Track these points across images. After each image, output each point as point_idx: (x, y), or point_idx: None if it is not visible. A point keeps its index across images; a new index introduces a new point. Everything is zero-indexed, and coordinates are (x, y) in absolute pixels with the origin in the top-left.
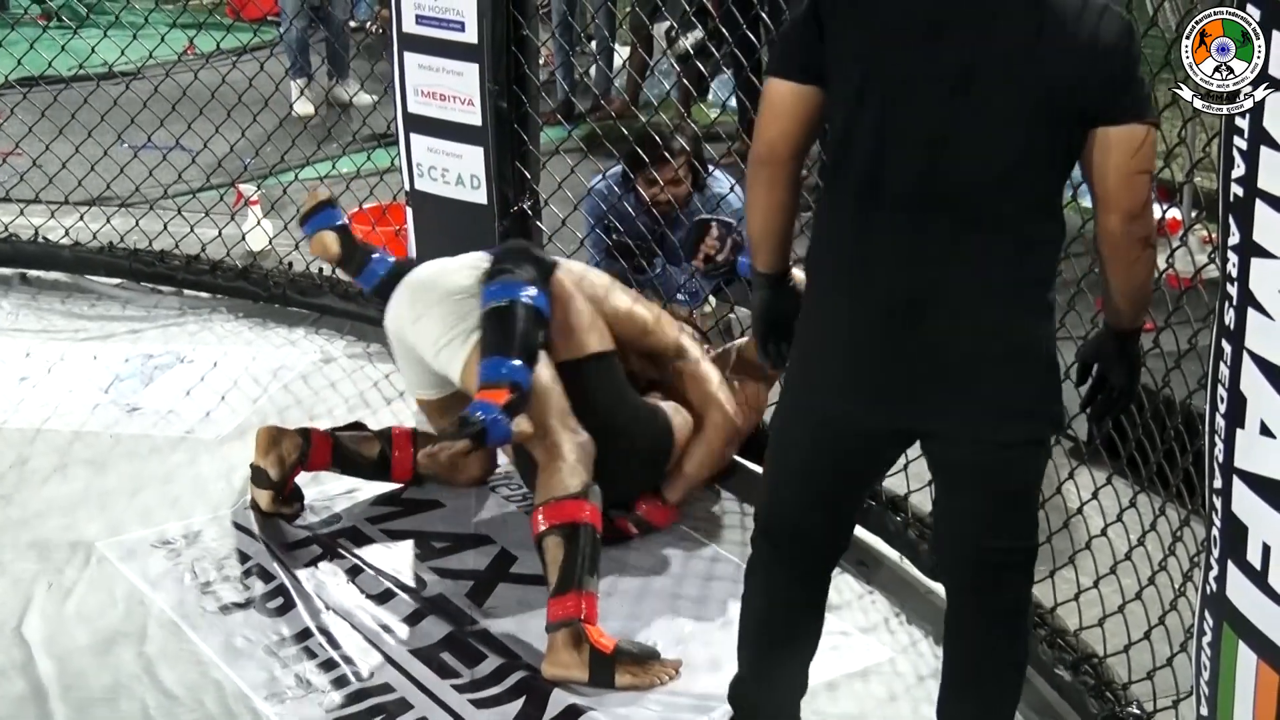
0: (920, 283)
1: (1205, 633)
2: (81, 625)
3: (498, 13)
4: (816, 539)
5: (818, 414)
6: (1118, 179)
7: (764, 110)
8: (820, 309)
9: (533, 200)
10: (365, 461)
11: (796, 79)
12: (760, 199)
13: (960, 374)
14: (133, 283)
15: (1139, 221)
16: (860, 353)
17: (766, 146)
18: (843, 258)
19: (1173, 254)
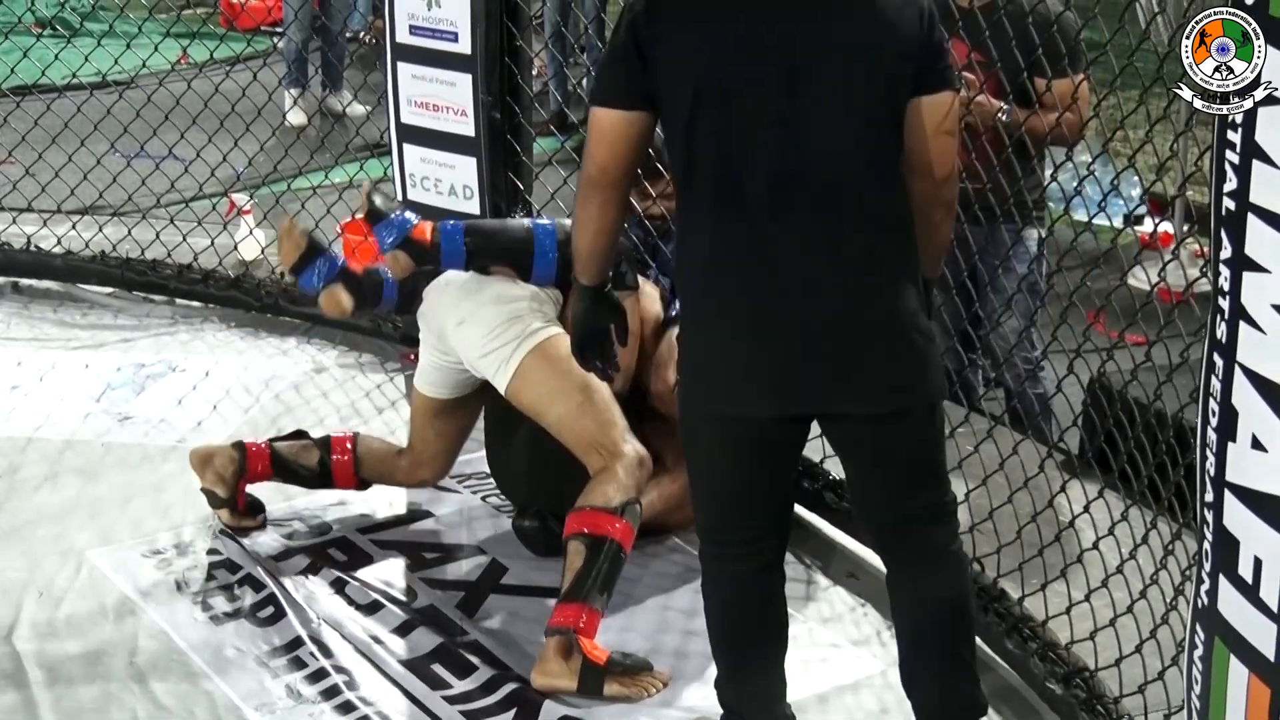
0: (787, 276)
1: (1197, 646)
2: (72, 635)
3: (491, 23)
4: (756, 533)
5: (716, 417)
6: (932, 144)
7: (593, 136)
8: (698, 316)
9: (525, 211)
10: (306, 471)
11: (621, 106)
12: (592, 219)
13: (837, 355)
14: (125, 291)
15: (948, 185)
16: (741, 350)
17: (598, 170)
18: (709, 265)
19: (1164, 267)
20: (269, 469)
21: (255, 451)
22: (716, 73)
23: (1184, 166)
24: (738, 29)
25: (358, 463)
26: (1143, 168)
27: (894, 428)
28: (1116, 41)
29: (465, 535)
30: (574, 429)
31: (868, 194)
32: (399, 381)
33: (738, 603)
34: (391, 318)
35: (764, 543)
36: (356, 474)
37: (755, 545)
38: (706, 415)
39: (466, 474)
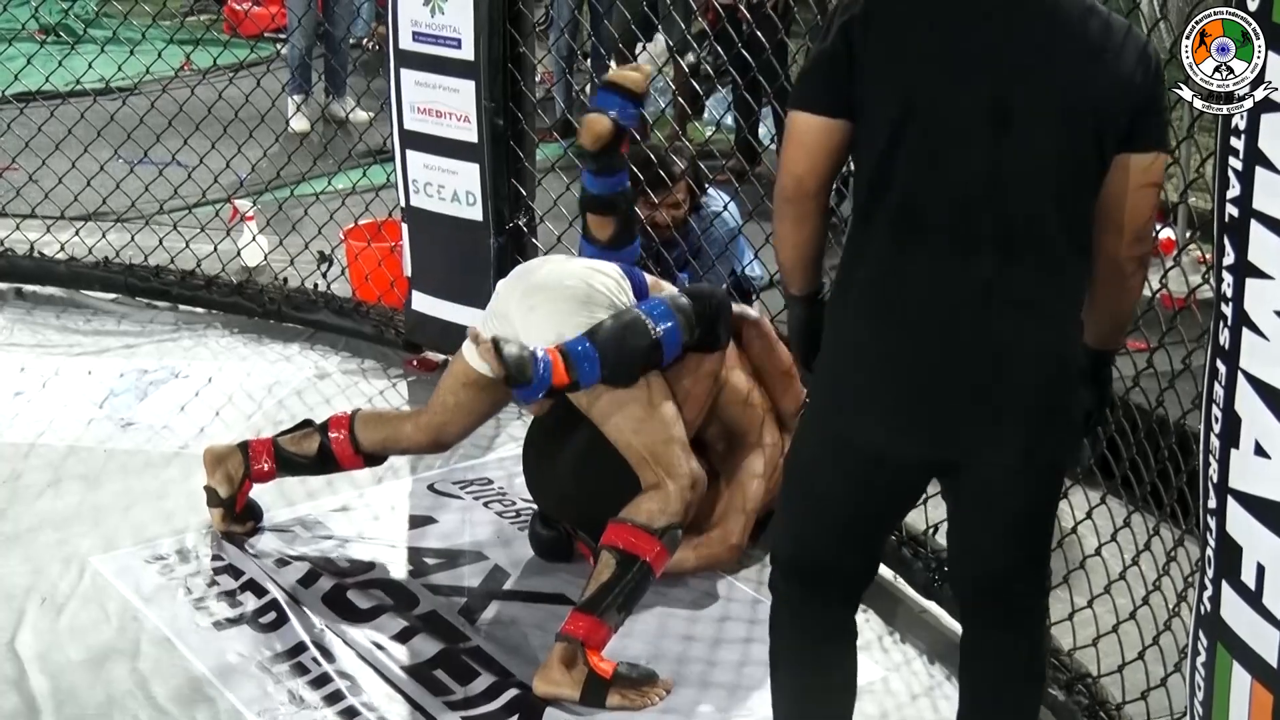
0: (961, 314)
1: (1199, 653)
2: (74, 641)
3: (494, 30)
4: (848, 575)
5: (853, 446)
6: (1133, 203)
7: (790, 145)
8: (854, 340)
9: (528, 217)
10: (306, 459)
11: (826, 113)
12: (789, 234)
13: (998, 403)
14: (128, 298)
15: (1143, 243)
16: (899, 383)
17: (794, 182)
18: (881, 290)
19: (1167, 274)
20: (273, 466)
21: (259, 449)
22: (926, 93)
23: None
24: (953, 51)
25: (355, 439)
26: None
27: (1024, 488)
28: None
29: (468, 541)
30: (633, 440)
31: (1057, 243)
32: (401, 387)
33: (820, 648)
34: None
35: (855, 586)
36: (357, 450)
37: (846, 587)
38: (843, 441)
39: (469, 480)
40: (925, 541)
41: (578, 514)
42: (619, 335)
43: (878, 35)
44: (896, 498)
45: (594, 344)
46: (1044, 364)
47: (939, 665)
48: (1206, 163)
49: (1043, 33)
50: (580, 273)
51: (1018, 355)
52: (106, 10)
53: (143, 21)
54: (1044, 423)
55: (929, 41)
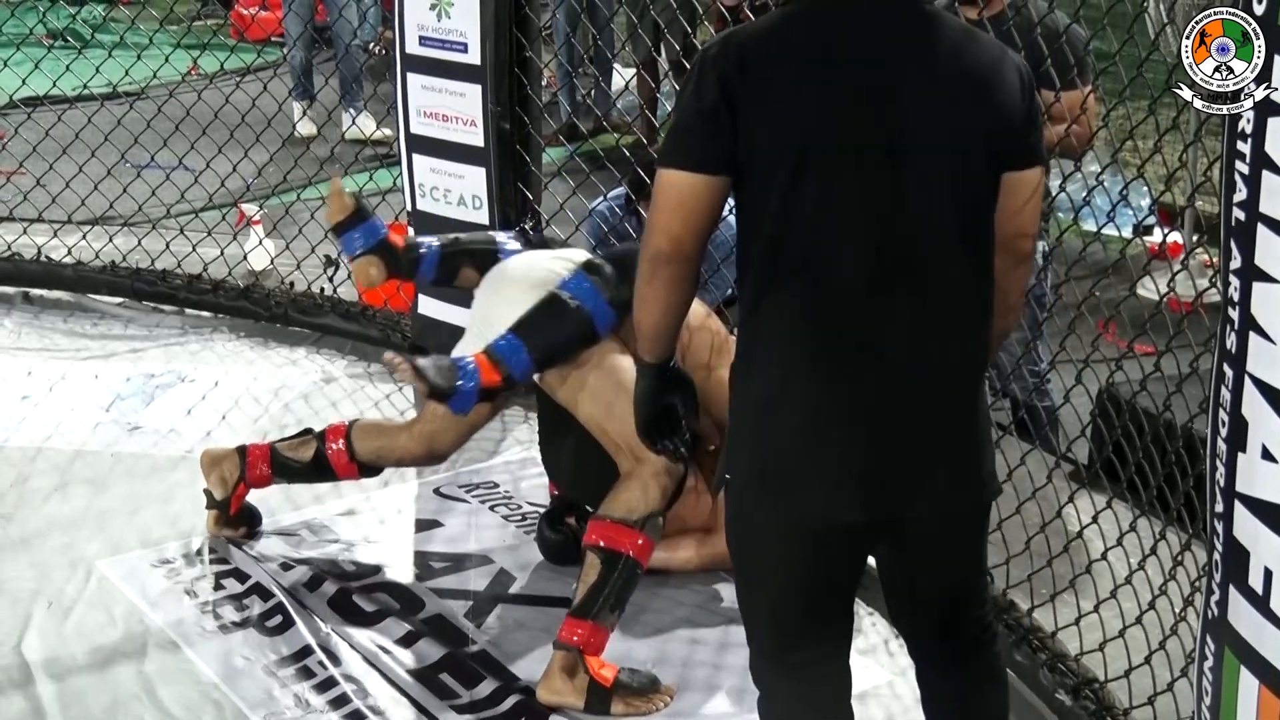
0: (882, 358)
1: (1207, 658)
2: (81, 644)
3: (500, 34)
4: (834, 643)
5: (795, 522)
6: (1021, 219)
7: (665, 205)
8: (785, 404)
9: (534, 221)
10: (301, 466)
11: (707, 171)
12: (661, 297)
13: (932, 452)
14: (135, 302)
15: (1028, 265)
16: (828, 447)
17: (672, 244)
18: (794, 345)
19: (1174, 278)
20: (269, 472)
21: (256, 454)
22: (818, 138)
23: (1193, 177)
24: (838, 92)
25: (352, 448)
26: (1152, 178)
27: (966, 524)
28: (1125, 52)
29: (473, 545)
30: (604, 427)
31: (964, 276)
32: (408, 392)
33: (813, 714)
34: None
35: (840, 644)
36: (353, 460)
37: (836, 659)
38: (784, 518)
39: (475, 484)
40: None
41: (586, 493)
42: (541, 318)
43: (757, 84)
44: (853, 564)
45: (516, 334)
46: (966, 400)
47: None
48: (1213, 167)
49: (927, 64)
50: (545, 262)
51: (942, 397)
52: (113, 15)
53: (149, 26)
54: (973, 459)
55: (812, 85)
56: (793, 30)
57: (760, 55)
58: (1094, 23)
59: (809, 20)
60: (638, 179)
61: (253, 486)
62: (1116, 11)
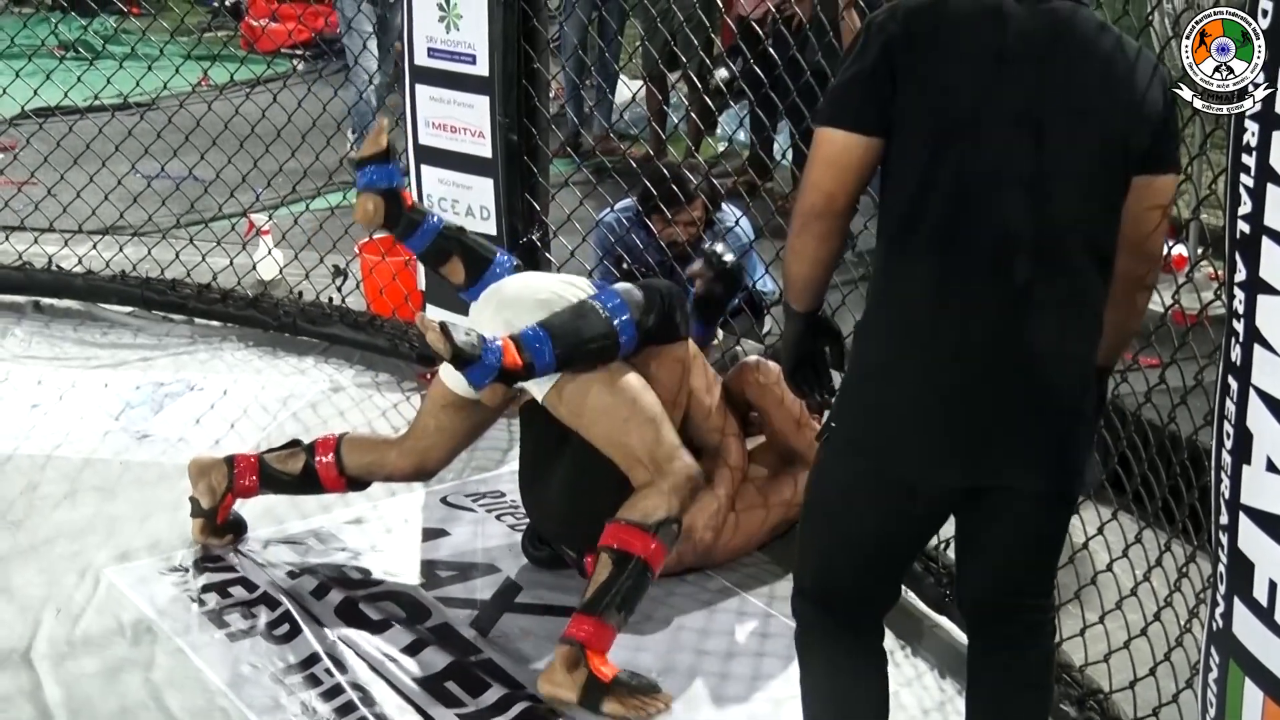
0: (999, 335)
1: (1211, 669)
2: (89, 651)
3: (508, 46)
4: (876, 603)
5: (885, 478)
6: (1149, 225)
7: (820, 162)
8: (891, 367)
9: (541, 232)
10: (288, 478)
11: (863, 130)
12: (811, 251)
13: (1031, 428)
14: (144, 311)
15: (1156, 262)
16: (939, 410)
17: (824, 199)
18: (918, 311)
19: (1179, 290)
20: (256, 483)
21: (244, 465)
22: (968, 113)
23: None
24: (991, 72)
25: (341, 462)
26: None
27: (1047, 510)
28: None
29: (480, 553)
30: (621, 440)
31: (1089, 267)
32: (415, 400)
33: (855, 674)
34: None
35: (883, 611)
36: (342, 474)
37: (875, 612)
38: (876, 470)
39: (481, 493)
40: (936, 556)
41: (575, 535)
42: (571, 319)
43: (918, 53)
44: (926, 526)
45: (545, 328)
46: (1073, 386)
47: (950, 680)
48: (1218, 179)
49: (1075, 60)
50: (550, 284)
51: (1051, 378)
52: (125, 27)
53: (160, 37)
54: (1070, 445)
55: (968, 61)
56: (957, 6)
57: (923, 26)
58: None
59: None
60: (653, 197)
61: (239, 496)
62: (1122, 25)
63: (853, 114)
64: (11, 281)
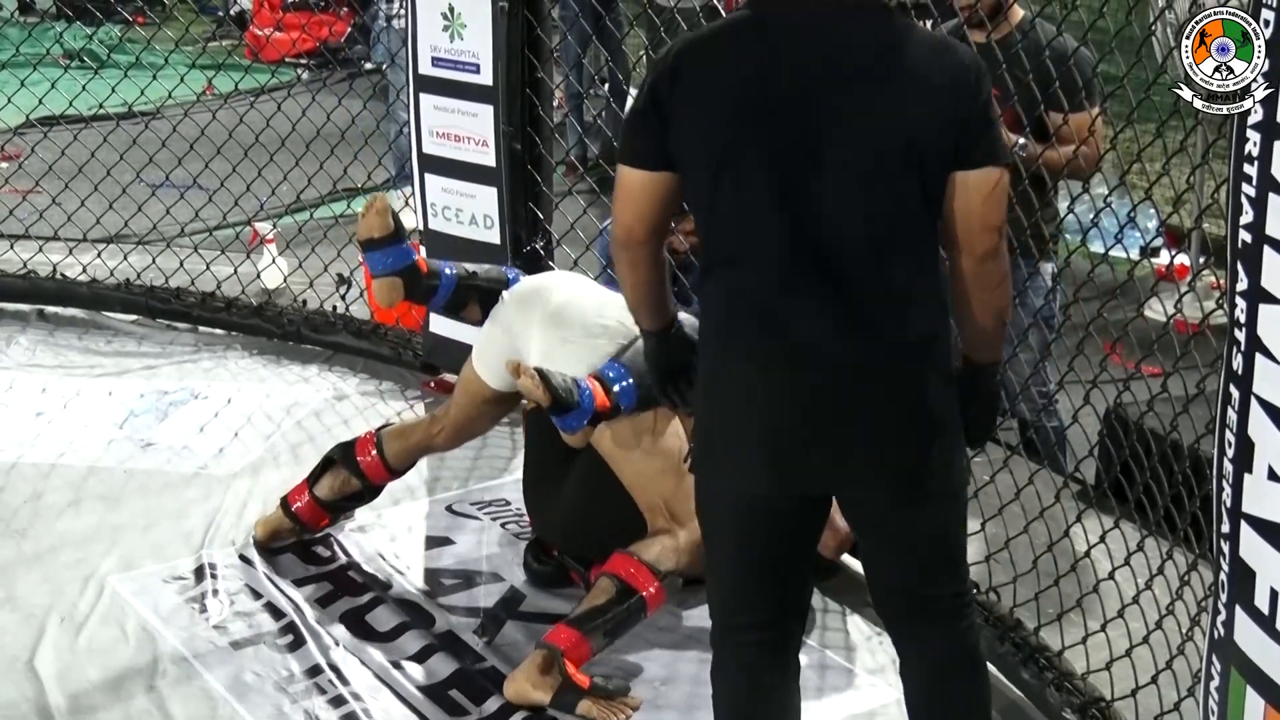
0: (797, 351)
1: (1213, 677)
2: (93, 660)
3: (512, 55)
4: (771, 615)
5: (735, 497)
6: (973, 218)
7: (618, 196)
8: (711, 386)
9: (545, 241)
10: (354, 501)
11: (645, 167)
12: (627, 276)
13: (864, 438)
14: (149, 319)
15: (993, 262)
16: (750, 426)
17: (624, 231)
18: (722, 333)
19: (1181, 299)
20: (327, 520)
21: (309, 512)
22: (737, 142)
23: (1200, 199)
24: (759, 95)
25: (384, 455)
26: (1159, 200)
27: (913, 513)
28: (1133, 75)
29: (484, 562)
30: (649, 487)
31: (888, 269)
32: (419, 409)
33: (748, 693)
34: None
35: (780, 627)
36: (387, 467)
37: (771, 630)
38: (720, 489)
39: (487, 501)
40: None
41: (580, 545)
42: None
43: (685, 90)
44: (791, 533)
45: (626, 368)
46: (896, 391)
47: None
48: (1220, 189)
49: (854, 68)
50: (603, 308)
51: (864, 388)
52: (130, 36)
53: (165, 47)
54: (913, 457)
55: (736, 91)
56: (730, 37)
57: (694, 61)
58: (1102, 46)
59: (748, 27)
60: None
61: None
62: (1124, 35)
63: (633, 152)
64: (16, 290)
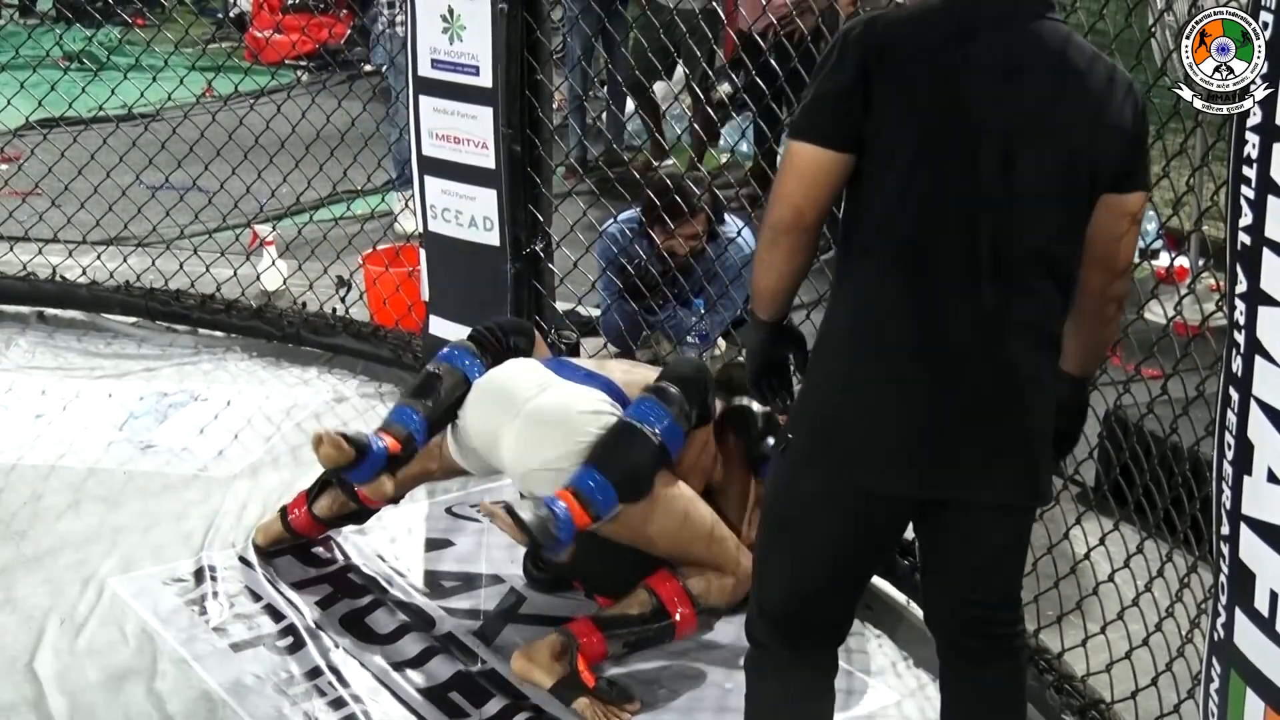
0: (963, 351)
1: (1213, 679)
2: (92, 661)
3: (512, 57)
4: (836, 622)
5: (848, 487)
6: (1119, 242)
7: (791, 175)
8: (853, 376)
9: (544, 243)
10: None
11: (834, 146)
12: (780, 264)
13: (996, 442)
14: (148, 321)
15: (1124, 279)
16: (899, 419)
17: (794, 213)
18: (881, 327)
19: (1180, 302)
20: (323, 531)
21: (306, 526)
22: (939, 133)
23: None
24: (963, 94)
25: None
26: (1159, 203)
27: (1012, 523)
28: (1133, 77)
29: (484, 564)
30: (682, 558)
31: (1049, 288)
32: None
33: (802, 691)
34: None
35: (841, 632)
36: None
37: (833, 634)
38: (842, 483)
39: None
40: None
41: (582, 566)
42: (622, 453)
43: (892, 69)
44: (888, 538)
45: (600, 472)
46: (1038, 399)
47: None
48: (1219, 191)
49: (1048, 80)
50: (585, 420)
51: (1016, 391)
52: (129, 38)
53: (165, 48)
54: (1034, 458)
55: (940, 82)
56: (932, 22)
57: (899, 42)
58: (1102, 49)
59: (949, 14)
60: (656, 210)
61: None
62: (1124, 38)
63: (827, 129)
64: (16, 292)
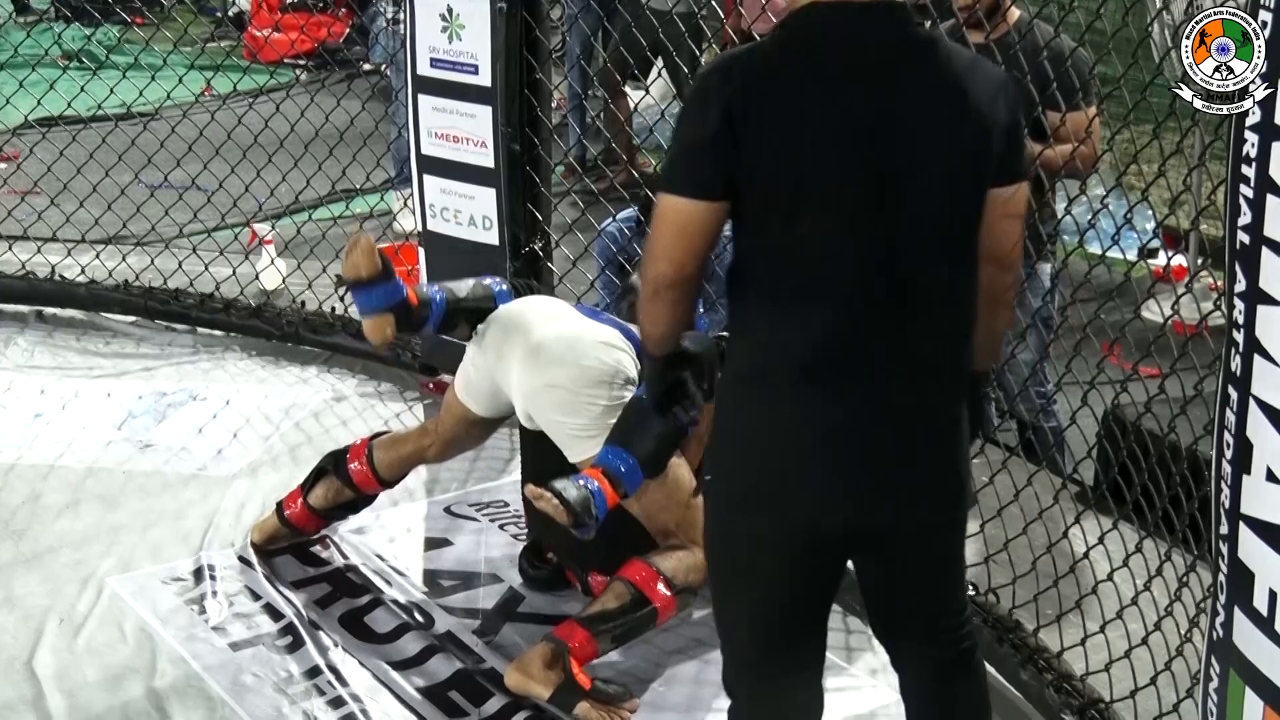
0: (880, 382)
1: (1212, 679)
2: (92, 661)
3: (511, 56)
4: (808, 659)
5: (790, 532)
6: (1003, 233)
7: (667, 230)
8: (774, 415)
9: (543, 242)
10: (347, 511)
11: (708, 196)
12: (665, 315)
13: (919, 462)
14: (147, 320)
15: (1014, 269)
16: (830, 460)
17: (674, 268)
18: (793, 364)
19: (1178, 301)
20: (321, 525)
21: (303, 519)
22: (816, 166)
23: (1198, 200)
24: (834, 121)
25: (375, 471)
26: (1157, 201)
27: (945, 535)
28: (1130, 76)
29: (483, 563)
30: (659, 515)
31: (952, 296)
32: (418, 410)
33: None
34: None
35: (814, 661)
36: (377, 477)
37: (810, 669)
38: (778, 524)
39: (485, 502)
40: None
41: (581, 553)
42: (639, 430)
43: (759, 110)
44: (835, 572)
45: (629, 451)
46: (951, 417)
47: None
48: (1217, 190)
49: (920, 87)
50: (594, 348)
51: (935, 411)
52: (128, 37)
53: (164, 47)
54: (959, 475)
55: (811, 112)
56: (792, 54)
57: (762, 80)
58: (1099, 47)
59: (807, 44)
60: (647, 201)
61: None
62: (1122, 36)
63: (697, 179)
64: (14, 291)
